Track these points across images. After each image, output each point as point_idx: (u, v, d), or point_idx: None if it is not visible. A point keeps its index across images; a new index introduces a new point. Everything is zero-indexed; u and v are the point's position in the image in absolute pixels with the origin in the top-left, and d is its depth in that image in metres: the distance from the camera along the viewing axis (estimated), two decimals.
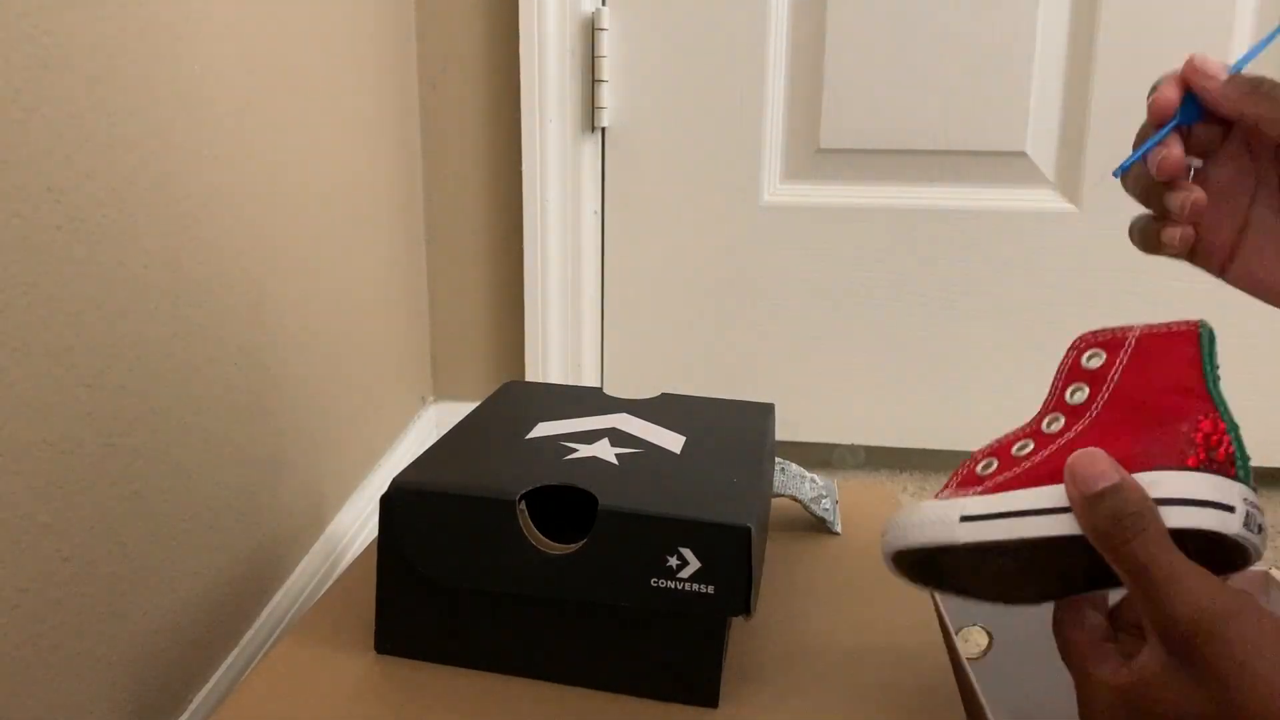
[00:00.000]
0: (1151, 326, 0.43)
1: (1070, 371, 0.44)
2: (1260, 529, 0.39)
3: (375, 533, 0.63)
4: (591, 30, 1.20)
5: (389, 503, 0.53)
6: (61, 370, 0.52)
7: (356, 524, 0.98)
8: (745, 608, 0.50)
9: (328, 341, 0.91)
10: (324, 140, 0.89)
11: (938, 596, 0.46)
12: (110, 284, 0.56)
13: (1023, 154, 1.19)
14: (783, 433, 1.27)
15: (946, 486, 0.45)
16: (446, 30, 1.21)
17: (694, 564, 0.49)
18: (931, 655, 0.57)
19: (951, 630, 0.61)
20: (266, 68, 0.76)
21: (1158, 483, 0.38)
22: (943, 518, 0.43)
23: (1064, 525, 0.39)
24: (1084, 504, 0.38)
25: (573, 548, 0.51)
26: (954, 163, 1.20)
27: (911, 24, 1.18)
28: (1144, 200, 0.45)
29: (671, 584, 0.50)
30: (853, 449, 1.33)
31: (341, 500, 0.96)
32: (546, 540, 0.52)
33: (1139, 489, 0.38)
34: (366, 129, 1.02)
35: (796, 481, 0.75)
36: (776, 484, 0.74)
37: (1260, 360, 1.23)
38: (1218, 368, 0.42)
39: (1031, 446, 0.43)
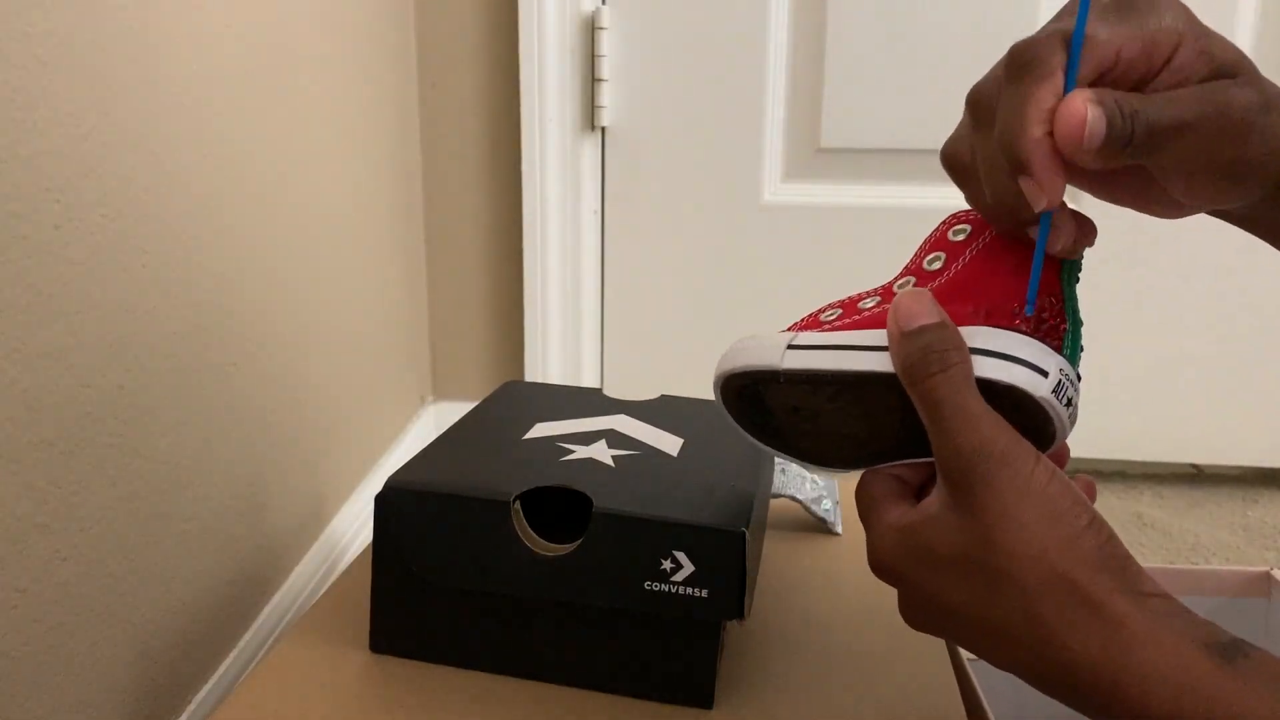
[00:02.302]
0: None
1: (934, 242, 0.45)
2: (1070, 403, 0.39)
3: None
4: (591, 29, 1.20)
5: (383, 502, 0.53)
6: (61, 370, 0.52)
7: (355, 524, 0.99)
8: (739, 612, 0.50)
9: (327, 341, 0.91)
10: (324, 140, 0.89)
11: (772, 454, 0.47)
12: (109, 284, 0.56)
13: None
14: None
15: (791, 328, 0.45)
16: (446, 30, 1.21)
17: (688, 567, 0.50)
18: (932, 655, 0.57)
19: None
20: (266, 67, 0.76)
21: (978, 334, 0.39)
22: (772, 344, 0.43)
23: (883, 362, 0.40)
24: (899, 339, 0.39)
25: (567, 549, 0.51)
26: None
27: (911, 24, 1.18)
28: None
29: (665, 587, 0.50)
30: None
31: (341, 501, 0.97)
32: (541, 541, 0.52)
33: (956, 332, 0.38)
34: (366, 129, 1.02)
35: (797, 482, 0.75)
36: (776, 485, 0.74)
37: (1261, 360, 1.23)
38: (1079, 268, 0.42)
39: (877, 301, 0.44)
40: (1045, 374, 0.38)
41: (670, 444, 0.61)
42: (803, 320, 0.45)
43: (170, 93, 0.62)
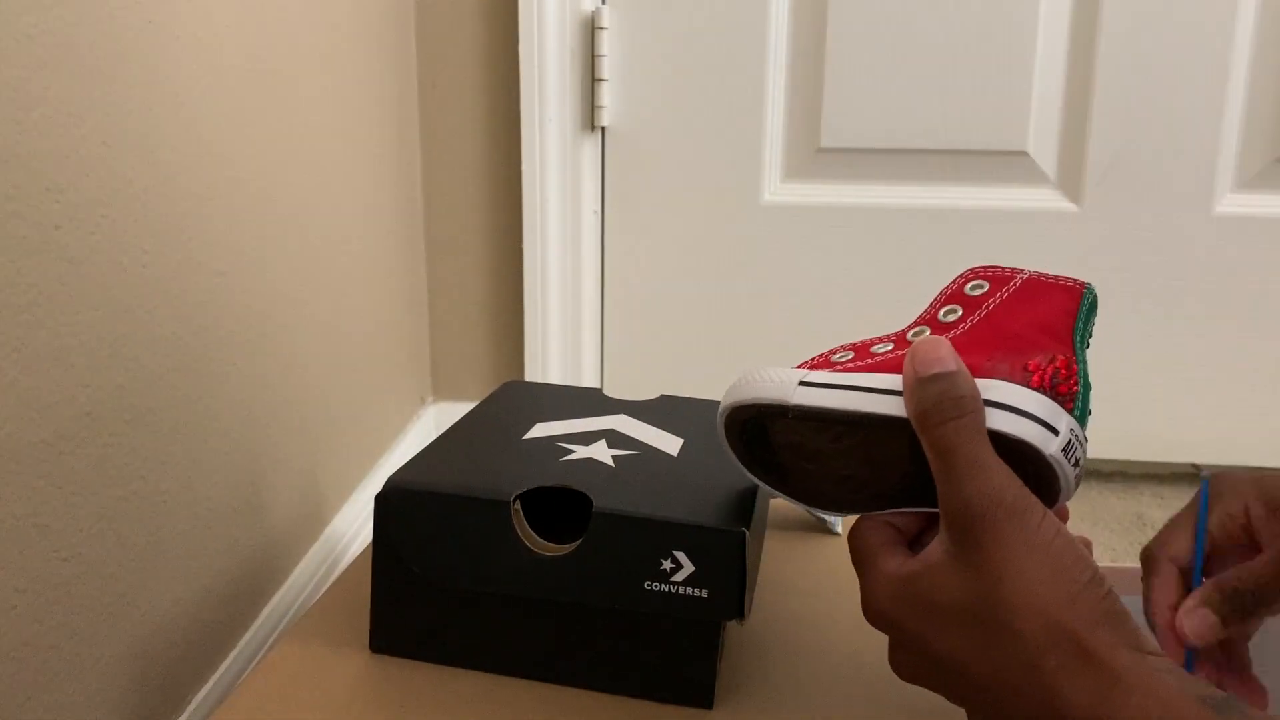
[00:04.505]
0: (1041, 274, 0.44)
1: (951, 295, 0.45)
2: (1077, 464, 0.40)
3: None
4: (591, 29, 1.20)
5: (383, 502, 0.53)
6: (61, 370, 0.52)
7: (356, 524, 0.99)
8: (738, 612, 0.50)
9: (327, 341, 0.91)
10: (324, 139, 0.89)
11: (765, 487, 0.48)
12: (109, 284, 0.56)
13: (1024, 153, 1.19)
14: None
15: (801, 366, 0.46)
16: (446, 30, 1.21)
17: (688, 567, 0.50)
18: None
19: None
20: (266, 67, 0.76)
21: (993, 388, 0.39)
22: (784, 380, 0.44)
23: (894, 406, 0.40)
24: (915, 383, 0.39)
25: (567, 549, 0.51)
26: (955, 162, 1.20)
27: (911, 24, 1.18)
28: None
29: (665, 587, 0.50)
30: None
31: (341, 501, 0.97)
32: (541, 541, 0.52)
33: (971, 382, 0.39)
34: (366, 129, 1.02)
35: None
36: None
37: (1261, 360, 1.23)
38: (1090, 334, 0.43)
39: (890, 347, 0.44)
40: (1056, 432, 0.38)
41: (670, 444, 0.61)
42: (813, 360, 0.46)
43: (170, 93, 0.62)
